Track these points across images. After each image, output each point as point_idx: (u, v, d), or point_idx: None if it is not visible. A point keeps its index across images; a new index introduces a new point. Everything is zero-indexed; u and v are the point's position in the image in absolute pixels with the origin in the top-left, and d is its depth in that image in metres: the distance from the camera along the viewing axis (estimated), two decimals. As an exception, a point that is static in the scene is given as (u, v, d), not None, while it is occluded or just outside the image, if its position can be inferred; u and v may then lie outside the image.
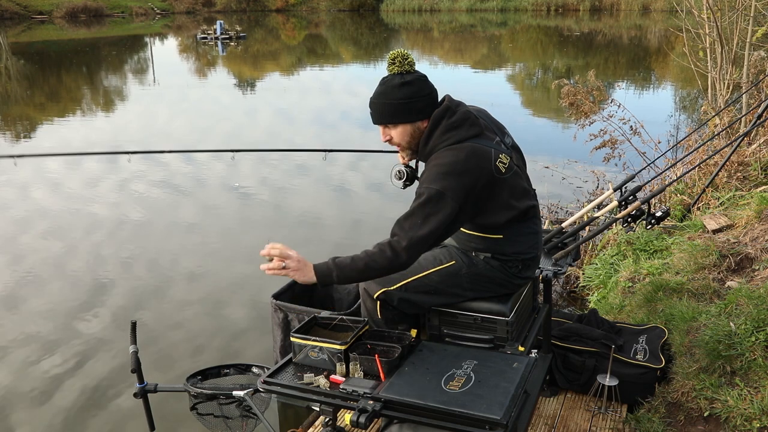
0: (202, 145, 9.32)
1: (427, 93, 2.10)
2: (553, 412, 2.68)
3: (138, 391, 2.39)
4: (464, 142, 2.05)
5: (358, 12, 44.53)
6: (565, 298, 4.52)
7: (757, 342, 2.47)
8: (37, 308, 4.58)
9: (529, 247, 2.21)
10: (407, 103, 2.08)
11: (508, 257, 2.18)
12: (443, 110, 2.09)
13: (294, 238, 5.83)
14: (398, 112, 2.09)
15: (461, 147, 2.04)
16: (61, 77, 17.75)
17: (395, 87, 2.08)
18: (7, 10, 36.63)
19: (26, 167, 8.22)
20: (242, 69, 20.27)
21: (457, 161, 2.01)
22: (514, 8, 42.38)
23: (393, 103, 2.08)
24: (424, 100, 2.10)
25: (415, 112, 2.09)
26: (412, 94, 2.07)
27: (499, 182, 2.05)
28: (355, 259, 2.01)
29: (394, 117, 2.10)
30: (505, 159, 2.09)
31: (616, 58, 20.52)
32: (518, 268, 2.20)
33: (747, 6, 5.93)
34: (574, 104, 5.93)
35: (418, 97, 2.08)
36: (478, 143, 2.06)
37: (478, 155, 2.03)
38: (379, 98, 2.11)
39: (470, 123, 2.09)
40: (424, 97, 2.10)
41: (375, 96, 2.13)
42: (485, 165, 2.03)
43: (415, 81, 2.09)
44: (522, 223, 2.17)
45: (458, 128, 2.07)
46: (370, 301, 2.24)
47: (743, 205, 4.20)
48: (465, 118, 2.09)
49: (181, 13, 42.26)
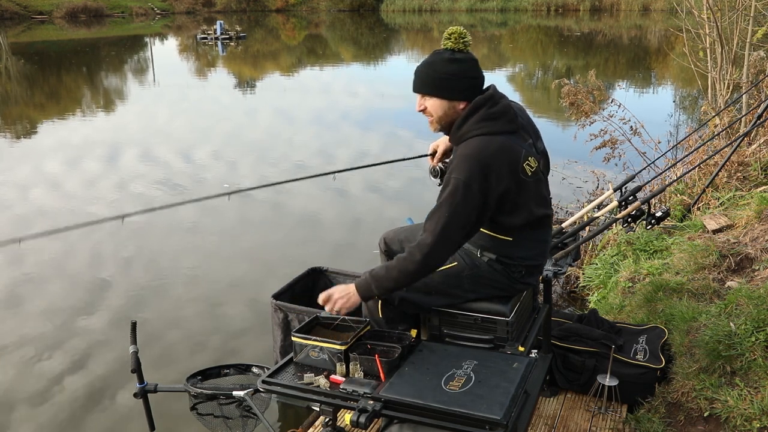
0: (202, 145, 9.32)
1: (472, 76, 2.10)
2: (553, 412, 2.68)
3: (138, 391, 2.39)
4: (498, 135, 2.04)
5: (358, 12, 44.52)
6: (565, 298, 4.52)
7: (757, 342, 2.47)
8: (37, 308, 4.57)
9: (536, 254, 2.21)
10: (449, 80, 2.08)
11: (513, 262, 2.17)
12: (486, 98, 2.08)
13: (293, 238, 5.84)
14: (438, 86, 2.09)
15: (493, 139, 2.03)
16: (61, 77, 17.75)
17: (443, 61, 2.08)
18: (7, 10, 36.61)
19: (26, 166, 8.23)
20: (242, 69, 20.27)
21: (486, 153, 2.00)
22: (514, 8, 42.37)
23: (436, 76, 2.09)
24: (466, 82, 2.09)
25: (455, 91, 2.09)
26: (456, 72, 2.07)
27: (523, 184, 2.04)
28: (389, 268, 2.04)
29: (433, 89, 2.10)
30: (533, 162, 2.08)
31: (616, 58, 20.52)
32: (521, 274, 2.19)
33: (747, 6, 5.93)
34: (575, 104, 5.93)
35: (462, 77, 2.08)
36: (511, 140, 2.05)
37: (508, 151, 2.02)
38: (425, 68, 2.12)
39: (508, 118, 2.08)
40: (468, 79, 2.09)
41: (422, 65, 2.14)
42: (513, 163, 2.02)
43: (465, 61, 2.09)
44: (534, 230, 2.15)
45: (495, 120, 2.06)
46: (372, 301, 2.24)
47: (743, 205, 4.20)
48: (504, 112, 2.08)
49: (181, 13, 42.24)
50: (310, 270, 3.09)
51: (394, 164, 3.11)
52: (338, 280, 3.10)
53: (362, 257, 5.23)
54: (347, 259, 5.25)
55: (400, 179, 7.35)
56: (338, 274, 3.11)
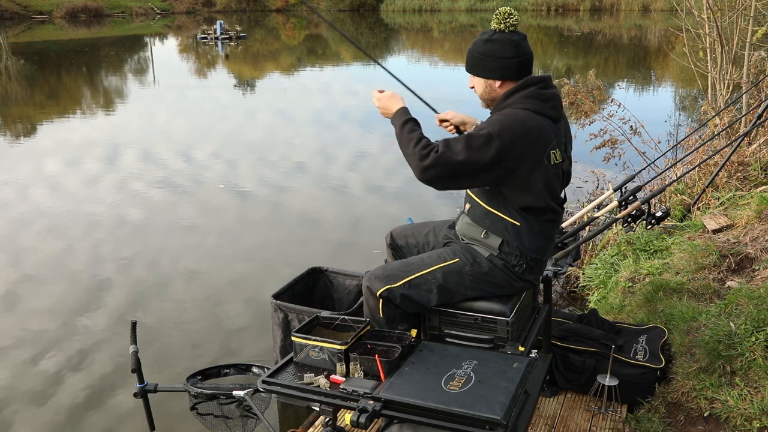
0: (202, 145, 9.33)
1: (507, 56, 2.15)
2: (553, 412, 2.68)
3: (138, 391, 2.39)
4: (540, 115, 2.09)
5: (358, 12, 44.51)
6: (565, 298, 4.52)
7: (757, 342, 2.47)
8: (37, 308, 4.57)
9: (539, 247, 2.21)
10: (482, 59, 2.17)
11: (515, 252, 2.17)
12: (540, 79, 2.15)
13: (293, 237, 5.84)
14: (474, 65, 2.21)
15: (535, 117, 2.08)
16: (61, 77, 17.75)
17: (481, 41, 2.19)
18: (7, 10, 36.61)
19: (25, 167, 8.23)
20: (242, 69, 20.26)
21: (522, 121, 2.05)
22: (514, 8, 42.21)
23: (473, 56, 2.21)
24: (498, 62, 2.15)
25: (488, 69, 2.17)
26: (490, 52, 2.16)
27: (542, 168, 2.07)
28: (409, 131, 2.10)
29: (471, 68, 2.22)
30: (558, 155, 2.12)
31: (616, 58, 20.52)
32: (522, 268, 2.19)
33: (747, 6, 5.93)
34: (574, 104, 5.92)
35: (494, 57, 2.15)
36: (550, 125, 2.11)
37: (542, 131, 2.07)
38: (470, 48, 2.23)
39: (554, 106, 2.15)
40: (501, 59, 2.15)
41: (470, 45, 2.23)
42: (542, 144, 2.06)
43: (501, 41, 2.15)
44: (542, 221, 2.17)
45: (543, 101, 2.12)
46: (373, 300, 2.24)
47: (743, 205, 4.20)
48: (553, 99, 2.15)
49: (181, 13, 42.24)
50: (310, 270, 3.09)
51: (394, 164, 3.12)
52: (338, 280, 3.10)
53: (362, 257, 5.24)
54: (347, 259, 5.25)
55: (400, 179, 7.35)
56: (338, 274, 3.11)
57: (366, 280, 2.25)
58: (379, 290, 2.21)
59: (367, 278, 2.26)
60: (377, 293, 2.22)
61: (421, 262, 2.24)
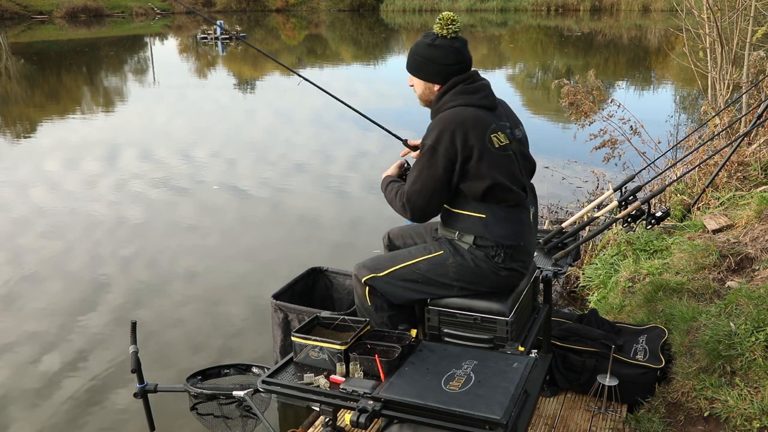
0: (201, 145, 9.33)
1: (448, 63, 2.21)
2: (553, 412, 2.68)
3: (138, 391, 2.39)
4: (471, 107, 2.15)
5: (358, 12, 44.50)
6: (565, 298, 4.52)
7: (757, 342, 2.47)
8: (37, 308, 4.57)
9: (512, 234, 2.20)
10: (424, 63, 2.23)
11: (489, 243, 2.18)
12: (465, 77, 2.21)
13: (293, 237, 5.84)
14: (415, 67, 2.27)
15: (465, 109, 2.15)
16: (61, 77, 17.74)
17: (424, 44, 2.24)
18: (7, 10, 36.59)
19: (25, 167, 8.23)
20: (242, 69, 20.26)
21: (454, 119, 2.12)
22: (514, 8, 42.35)
23: (414, 57, 2.27)
24: (440, 67, 2.22)
25: (430, 73, 2.24)
26: (432, 57, 2.21)
27: (488, 153, 2.11)
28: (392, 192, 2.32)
29: (413, 69, 2.28)
30: (502, 138, 2.16)
31: (616, 58, 20.51)
32: (501, 257, 2.19)
33: (747, 6, 5.93)
34: (574, 104, 5.92)
35: (436, 62, 2.21)
36: (483, 113, 2.15)
37: (476, 119, 2.13)
38: (412, 48, 2.29)
39: (484, 95, 2.21)
40: (443, 65, 2.21)
41: (412, 45, 2.30)
42: (479, 129, 2.11)
43: (443, 47, 2.21)
44: (507, 208, 2.20)
45: (470, 94, 2.18)
46: (360, 287, 2.32)
47: (743, 205, 4.20)
48: (481, 89, 2.21)
49: (181, 13, 42.24)
50: (310, 270, 3.09)
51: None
52: (338, 280, 3.10)
53: (362, 257, 5.21)
54: (347, 259, 5.24)
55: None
56: (338, 274, 3.11)
57: (355, 268, 2.35)
58: (364, 277, 2.29)
59: (356, 267, 2.35)
60: (362, 280, 2.29)
61: (408, 254, 2.31)
